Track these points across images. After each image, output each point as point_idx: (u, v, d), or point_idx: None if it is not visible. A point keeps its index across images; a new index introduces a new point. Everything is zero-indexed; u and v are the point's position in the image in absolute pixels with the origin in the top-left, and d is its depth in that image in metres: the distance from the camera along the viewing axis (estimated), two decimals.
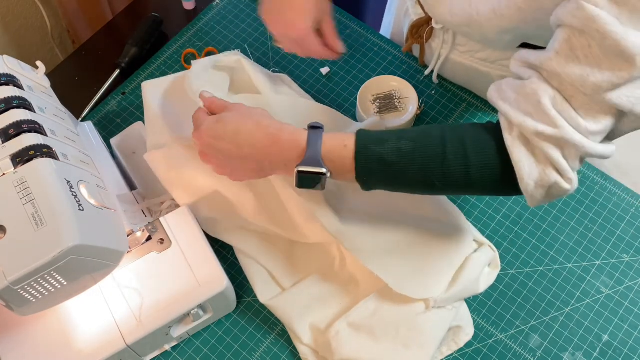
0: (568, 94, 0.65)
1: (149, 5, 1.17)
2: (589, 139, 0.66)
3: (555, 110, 0.65)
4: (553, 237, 0.95)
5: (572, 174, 0.67)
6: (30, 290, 0.66)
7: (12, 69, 0.78)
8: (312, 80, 1.07)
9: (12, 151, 0.69)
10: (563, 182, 0.68)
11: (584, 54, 0.63)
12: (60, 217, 0.65)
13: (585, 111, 0.65)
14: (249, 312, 0.89)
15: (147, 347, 0.82)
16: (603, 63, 0.62)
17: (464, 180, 0.71)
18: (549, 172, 0.67)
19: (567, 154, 0.66)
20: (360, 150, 0.72)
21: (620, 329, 0.88)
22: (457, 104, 1.05)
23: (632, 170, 1.06)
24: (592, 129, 0.65)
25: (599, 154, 0.67)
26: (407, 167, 0.71)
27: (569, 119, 0.65)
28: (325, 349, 0.84)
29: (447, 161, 0.70)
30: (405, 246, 0.86)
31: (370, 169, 0.72)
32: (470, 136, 0.71)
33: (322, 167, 0.73)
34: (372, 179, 0.73)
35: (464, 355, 0.87)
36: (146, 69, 1.08)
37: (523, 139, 0.68)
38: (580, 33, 0.63)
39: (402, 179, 0.73)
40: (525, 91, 0.67)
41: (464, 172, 0.70)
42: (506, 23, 0.81)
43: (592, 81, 0.62)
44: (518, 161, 0.68)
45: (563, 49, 0.64)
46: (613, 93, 0.63)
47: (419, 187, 0.74)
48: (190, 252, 0.82)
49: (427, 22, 0.98)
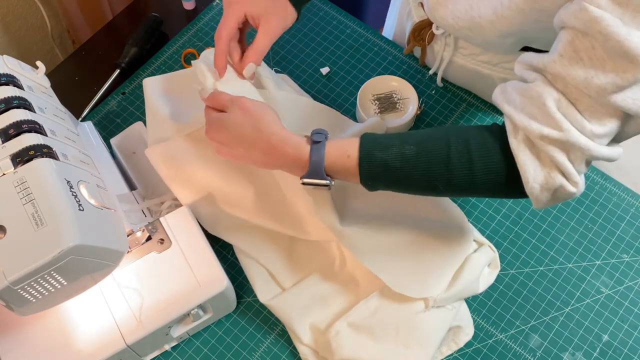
0: (573, 96, 0.65)
1: (149, 5, 1.17)
2: (595, 141, 0.65)
3: (560, 113, 0.65)
4: (553, 237, 0.95)
5: (577, 177, 0.67)
6: (30, 290, 0.66)
7: (12, 69, 0.78)
8: (312, 80, 1.07)
9: (12, 151, 0.69)
10: (569, 185, 0.67)
11: (587, 55, 0.63)
12: (60, 217, 0.65)
13: (590, 114, 0.65)
14: (249, 312, 0.89)
15: (147, 347, 0.82)
16: (607, 65, 0.62)
17: (468, 184, 0.71)
18: (554, 175, 0.67)
19: (573, 157, 0.66)
20: (363, 157, 0.72)
21: (620, 329, 0.88)
22: (457, 104, 1.05)
23: (632, 170, 1.06)
24: (597, 131, 0.65)
25: (605, 157, 0.67)
26: (411, 172, 0.71)
27: (574, 122, 0.65)
28: (325, 349, 0.84)
29: (452, 165, 0.70)
30: (404, 246, 0.86)
31: (374, 174, 0.72)
32: (474, 139, 0.70)
33: (325, 179, 0.73)
34: (376, 182, 0.73)
35: (464, 355, 0.87)
36: (146, 69, 1.08)
37: (528, 142, 0.67)
38: (583, 35, 0.62)
39: (406, 183, 0.73)
40: (530, 94, 0.67)
41: (468, 175, 0.70)
42: (507, 25, 0.81)
43: (596, 83, 0.62)
44: (523, 164, 0.67)
45: (567, 51, 0.64)
46: (618, 95, 0.62)
47: (423, 190, 0.74)
48: (190, 252, 0.82)
49: (430, 24, 0.98)
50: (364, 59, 1.09)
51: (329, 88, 1.06)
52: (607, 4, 0.60)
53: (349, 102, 1.05)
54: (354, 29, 1.12)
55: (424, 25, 0.99)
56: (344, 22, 1.13)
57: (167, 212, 0.86)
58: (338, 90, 1.06)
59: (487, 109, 1.04)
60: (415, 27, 1.00)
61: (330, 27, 1.12)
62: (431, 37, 0.99)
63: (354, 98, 1.05)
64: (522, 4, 0.77)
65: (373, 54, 1.09)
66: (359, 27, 1.12)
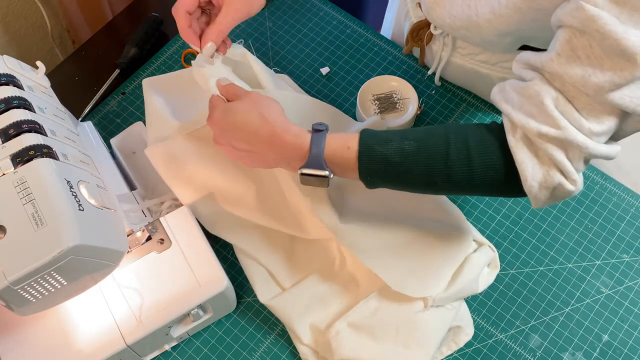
0: (570, 94, 0.65)
1: (149, 5, 1.17)
2: (593, 139, 0.65)
3: (558, 111, 0.65)
4: (553, 237, 0.95)
5: (576, 175, 0.67)
6: (30, 290, 0.66)
7: (12, 69, 0.78)
8: (312, 80, 1.07)
9: (12, 151, 0.69)
10: (567, 183, 0.67)
11: (585, 54, 0.63)
12: (60, 217, 0.65)
13: (588, 112, 0.65)
14: (249, 312, 0.89)
15: (147, 347, 0.82)
16: (604, 63, 0.62)
17: (467, 181, 0.71)
18: (552, 173, 0.67)
19: (571, 155, 0.66)
20: (363, 151, 0.72)
21: (620, 329, 0.88)
22: (457, 104, 1.05)
23: (632, 170, 1.07)
24: (595, 129, 0.65)
25: (603, 155, 0.67)
26: (410, 168, 0.71)
27: (571, 120, 0.65)
28: (325, 349, 0.84)
29: (450, 161, 0.70)
30: (404, 245, 0.86)
31: (373, 169, 0.72)
32: (473, 136, 0.70)
33: (324, 170, 0.73)
34: (375, 178, 0.73)
35: (464, 355, 0.87)
36: (146, 69, 1.08)
37: (526, 140, 0.68)
38: (580, 33, 0.63)
39: (405, 179, 0.73)
40: (528, 92, 0.67)
41: (467, 172, 0.70)
42: (505, 24, 0.81)
43: (594, 81, 0.62)
44: (521, 162, 0.68)
45: (564, 50, 0.64)
46: (615, 93, 0.63)
47: (422, 186, 0.74)
48: (190, 252, 0.82)
49: (428, 25, 0.98)
50: (364, 59, 1.09)
51: (329, 88, 1.06)
52: (604, 2, 0.60)
53: (349, 102, 1.05)
54: (354, 29, 1.12)
55: (422, 25, 0.99)
56: (344, 22, 1.13)
57: (167, 212, 0.86)
58: (338, 90, 1.06)
59: (486, 108, 1.04)
60: (414, 27, 1.00)
61: (330, 27, 1.12)
62: (429, 37, 0.99)
63: (354, 98, 1.05)
64: (519, 3, 0.77)
65: (373, 54, 1.09)
66: (359, 27, 1.12)
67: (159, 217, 0.85)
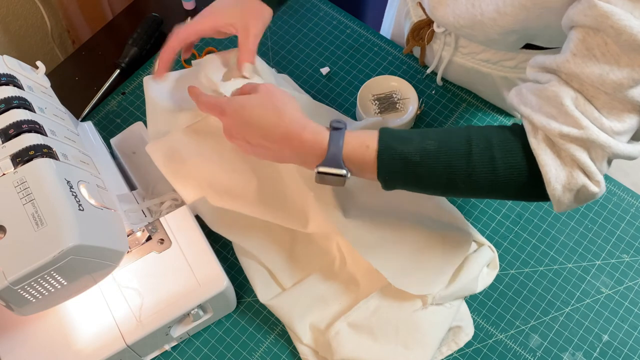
0: (589, 94, 0.64)
1: (149, 5, 1.17)
2: (615, 138, 0.64)
3: (579, 111, 0.64)
4: (553, 237, 0.95)
5: (599, 176, 0.66)
6: (30, 290, 0.66)
7: (12, 69, 0.78)
8: (312, 80, 1.07)
9: (12, 151, 0.69)
10: (591, 184, 0.66)
11: (600, 52, 0.62)
12: (60, 217, 0.65)
13: (608, 111, 0.64)
14: (249, 312, 0.89)
15: (147, 347, 0.82)
16: (621, 59, 0.61)
17: (489, 182, 0.69)
18: (576, 174, 0.66)
19: (594, 155, 0.65)
20: (383, 149, 0.70)
21: (620, 329, 0.88)
22: (457, 104, 1.05)
23: (632, 170, 1.07)
24: (616, 128, 0.64)
25: (626, 155, 0.66)
26: (431, 167, 0.69)
27: (592, 120, 0.64)
28: (325, 349, 0.84)
29: (473, 161, 0.68)
30: (405, 243, 0.86)
31: (392, 168, 0.70)
32: (496, 137, 0.69)
33: (342, 169, 0.71)
34: (393, 178, 0.71)
35: (464, 355, 0.87)
36: (146, 69, 1.08)
37: (548, 142, 0.67)
38: (594, 31, 0.62)
39: (425, 180, 0.71)
40: (546, 94, 0.66)
41: (490, 172, 0.68)
42: (510, 23, 0.80)
43: (612, 79, 0.62)
44: (544, 164, 0.66)
45: (579, 50, 0.63)
46: (635, 90, 0.62)
47: (442, 188, 0.72)
48: (190, 252, 0.82)
49: (428, 24, 0.98)
50: (364, 59, 1.09)
51: (329, 88, 1.06)
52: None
53: (349, 102, 1.05)
54: (354, 29, 1.12)
55: (422, 24, 0.99)
56: (344, 22, 1.13)
57: (167, 212, 0.86)
58: (338, 90, 1.06)
59: (487, 108, 1.04)
60: (414, 26, 1.00)
61: (330, 27, 1.12)
62: (430, 36, 0.99)
63: (354, 98, 1.05)
64: (524, 1, 0.76)
65: (373, 54, 1.09)
66: (359, 27, 1.12)
67: (159, 217, 0.85)
